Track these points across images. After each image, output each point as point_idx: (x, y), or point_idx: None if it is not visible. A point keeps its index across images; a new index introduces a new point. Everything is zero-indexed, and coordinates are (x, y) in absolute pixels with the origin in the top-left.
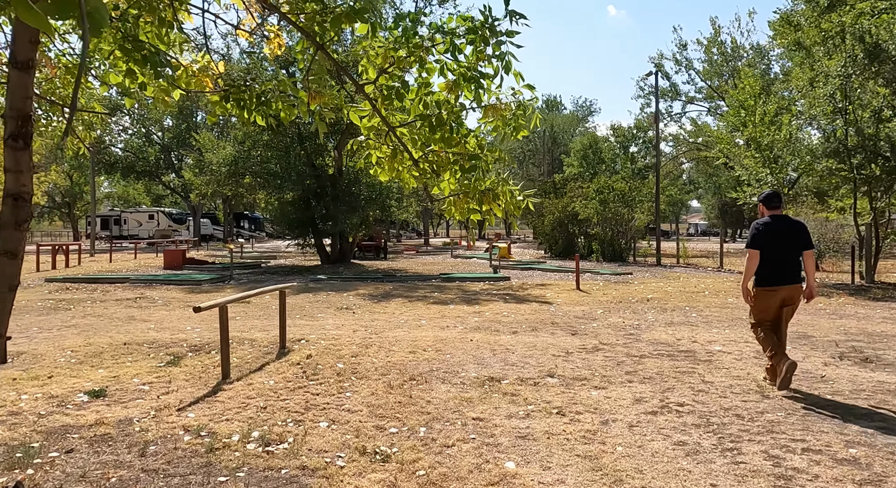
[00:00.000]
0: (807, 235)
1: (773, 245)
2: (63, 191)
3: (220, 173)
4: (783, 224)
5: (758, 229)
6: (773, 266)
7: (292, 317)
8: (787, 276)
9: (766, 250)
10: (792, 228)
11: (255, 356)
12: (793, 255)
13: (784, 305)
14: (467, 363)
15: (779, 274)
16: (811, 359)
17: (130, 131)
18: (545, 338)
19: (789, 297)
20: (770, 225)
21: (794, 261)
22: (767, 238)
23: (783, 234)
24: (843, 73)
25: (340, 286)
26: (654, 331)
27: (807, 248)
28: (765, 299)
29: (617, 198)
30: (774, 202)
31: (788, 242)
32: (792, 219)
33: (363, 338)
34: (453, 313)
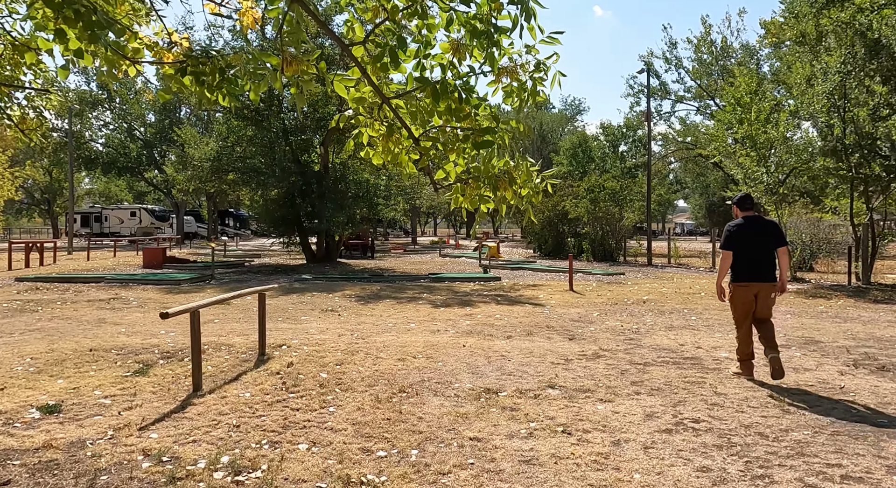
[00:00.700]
0: (779, 233)
1: (746, 244)
2: (42, 187)
3: (202, 169)
4: (756, 224)
5: (731, 230)
6: (748, 264)
7: (274, 319)
8: (761, 274)
9: (740, 249)
10: (764, 228)
11: (231, 364)
12: (766, 253)
13: (759, 298)
14: (461, 372)
15: (753, 271)
16: (825, 367)
17: (112, 126)
18: (542, 344)
19: (764, 292)
20: (743, 226)
21: (767, 259)
22: (741, 238)
23: (756, 234)
24: (842, 69)
25: (326, 286)
26: (655, 335)
27: (780, 245)
28: (741, 295)
29: (608, 197)
30: (747, 204)
31: (761, 242)
32: (764, 220)
33: (349, 343)
34: (444, 315)
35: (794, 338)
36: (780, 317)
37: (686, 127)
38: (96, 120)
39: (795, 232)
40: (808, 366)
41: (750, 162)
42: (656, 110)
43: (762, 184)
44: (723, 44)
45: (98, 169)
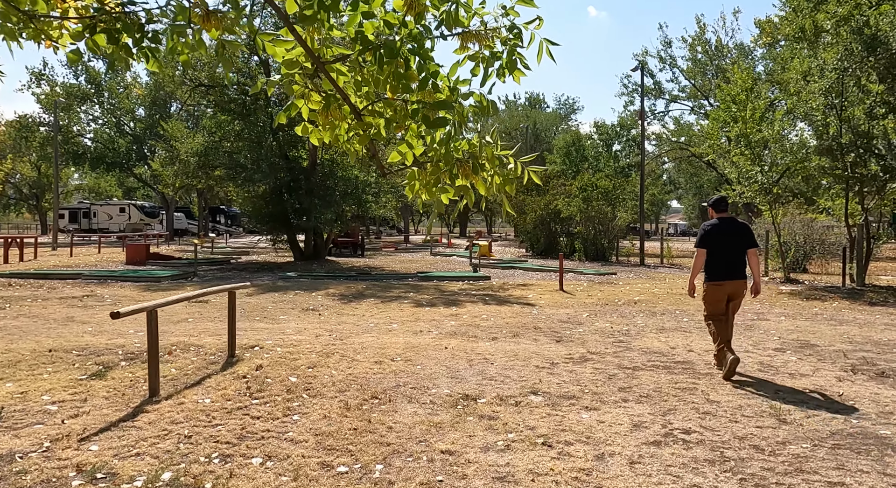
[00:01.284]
0: (751, 235)
1: (719, 244)
2: (31, 182)
3: (188, 164)
4: (729, 226)
5: (706, 230)
6: (720, 263)
7: (251, 319)
8: (732, 273)
9: (714, 249)
10: (737, 229)
11: (197, 366)
12: (738, 254)
13: (730, 299)
14: (440, 376)
15: (725, 270)
16: (822, 372)
17: (101, 121)
18: (527, 346)
19: (734, 292)
20: (717, 226)
21: (739, 259)
22: (714, 238)
23: (729, 235)
24: (839, 66)
25: (310, 284)
26: (646, 337)
27: (751, 247)
28: (713, 293)
29: (601, 196)
30: (722, 206)
31: (734, 242)
32: (738, 221)
33: (325, 344)
34: (428, 316)
35: (790, 342)
36: (774, 319)
37: (680, 126)
38: (85, 114)
39: (789, 232)
40: (804, 372)
41: (744, 161)
42: (650, 109)
43: (756, 184)
44: (717, 43)
45: (86, 164)
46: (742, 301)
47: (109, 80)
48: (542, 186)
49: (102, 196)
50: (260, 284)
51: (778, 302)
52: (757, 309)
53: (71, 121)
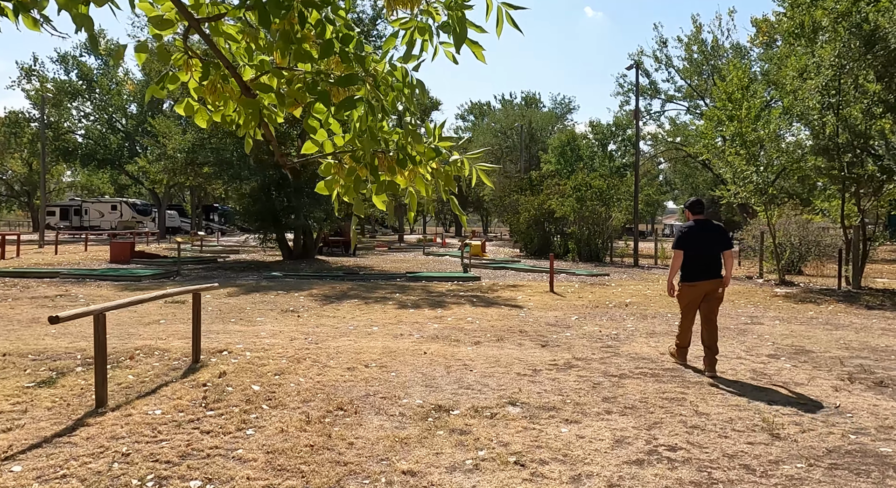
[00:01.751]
0: (726, 237)
1: (695, 246)
2: (22, 178)
3: (176, 161)
4: (705, 227)
5: (682, 232)
6: (696, 264)
7: (226, 320)
8: (707, 273)
9: (690, 250)
10: (712, 231)
11: (157, 373)
12: (713, 255)
13: (706, 297)
14: (414, 384)
15: (701, 271)
16: (817, 381)
17: (93, 117)
18: (511, 351)
19: (710, 291)
20: (693, 228)
21: (714, 260)
22: (691, 240)
23: (704, 236)
24: (836, 63)
25: (295, 284)
26: (635, 342)
27: (725, 248)
28: (689, 293)
29: (594, 196)
30: (698, 208)
31: (709, 243)
32: (713, 224)
33: (299, 348)
34: (412, 318)
35: (784, 347)
36: (768, 323)
37: (676, 127)
38: (76, 111)
39: (785, 234)
40: (799, 380)
41: (739, 160)
42: (646, 109)
43: (751, 184)
44: (713, 43)
45: (76, 161)
46: (721, 302)
47: (101, 77)
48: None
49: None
50: (243, 284)
51: (772, 305)
52: (751, 312)
53: (61, 117)
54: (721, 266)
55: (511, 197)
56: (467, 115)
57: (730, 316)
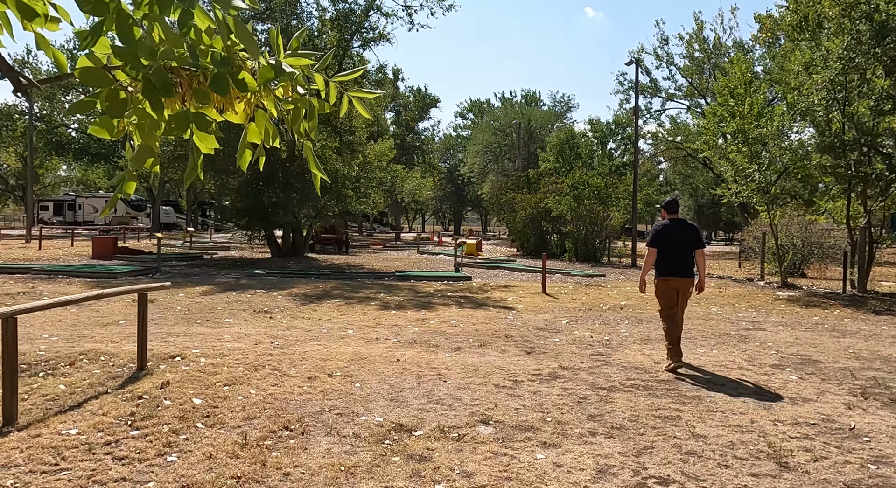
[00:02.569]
0: (698, 236)
1: (669, 244)
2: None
3: (163, 154)
4: (679, 227)
5: (657, 230)
6: (669, 261)
7: (192, 322)
8: (680, 270)
9: (664, 248)
10: (686, 230)
11: (93, 382)
12: (686, 253)
13: (678, 294)
14: (378, 398)
15: (673, 268)
16: (827, 396)
17: None
18: (492, 359)
19: (681, 289)
20: (668, 227)
21: (687, 259)
22: (665, 238)
23: (678, 235)
24: (844, 56)
25: (276, 283)
26: (628, 349)
27: (697, 247)
28: (664, 288)
29: (592, 194)
30: (673, 208)
31: (682, 242)
32: (687, 223)
33: (261, 354)
34: (392, 320)
35: (789, 357)
36: (771, 329)
37: (676, 126)
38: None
39: (787, 235)
40: (807, 396)
41: (741, 158)
42: (646, 108)
43: (753, 183)
44: (715, 41)
45: (70, 155)
46: (688, 299)
47: None
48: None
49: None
50: (222, 282)
51: (775, 309)
52: (752, 317)
53: (54, 110)
54: (693, 265)
55: (507, 195)
56: (466, 113)
57: (730, 321)
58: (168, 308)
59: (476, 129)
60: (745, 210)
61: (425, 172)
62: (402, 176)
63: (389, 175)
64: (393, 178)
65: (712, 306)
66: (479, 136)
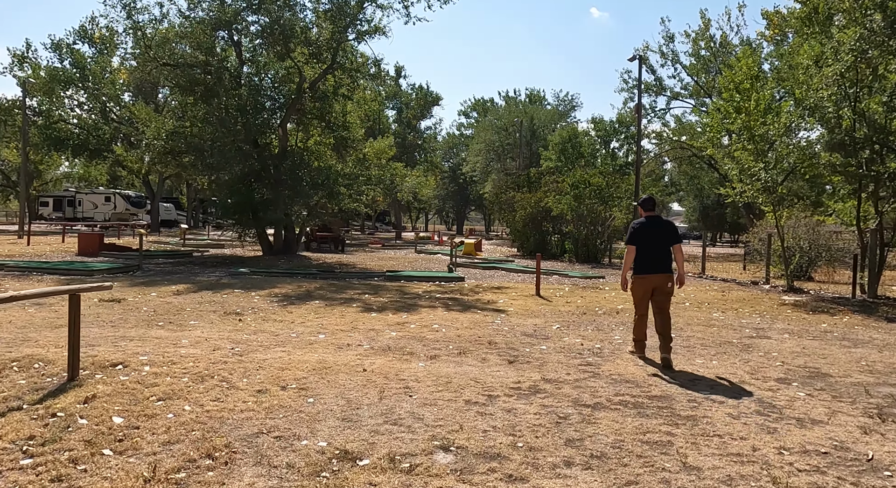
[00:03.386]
0: (675, 232)
1: (647, 241)
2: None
3: (153, 148)
4: (656, 224)
5: (635, 228)
6: (647, 258)
7: (152, 325)
8: (657, 267)
9: (642, 245)
10: (663, 227)
11: (13, 394)
12: (663, 249)
13: (655, 291)
14: (328, 416)
15: (651, 264)
16: (840, 417)
17: (87, 106)
18: (469, 369)
19: (659, 285)
20: (645, 224)
21: (665, 255)
22: (643, 235)
23: (655, 232)
24: (857, 47)
25: (258, 282)
26: (620, 359)
27: (675, 243)
28: (640, 285)
29: (593, 193)
30: (649, 205)
31: (660, 239)
32: (663, 220)
33: (215, 362)
34: (370, 324)
35: (796, 369)
36: (776, 337)
37: (681, 125)
38: (70, 100)
39: (794, 237)
40: (817, 417)
41: (747, 156)
42: (650, 106)
43: (759, 182)
44: (722, 39)
45: (68, 150)
46: (671, 296)
47: (94, 65)
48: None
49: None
50: (202, 280)
51: (781, 314)
52: (757, 323)
53: (53, 105)
54: (671, 260)
55: (507, 194)
56: (470, 112)
57: (733, 327)
58: (133, 308)
59: (479, 128)
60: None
61: (427, 171)
62: (401, 174)
63: (388, 173)
64: (392, 176)
65: (714, 311)
66: (482, 135)
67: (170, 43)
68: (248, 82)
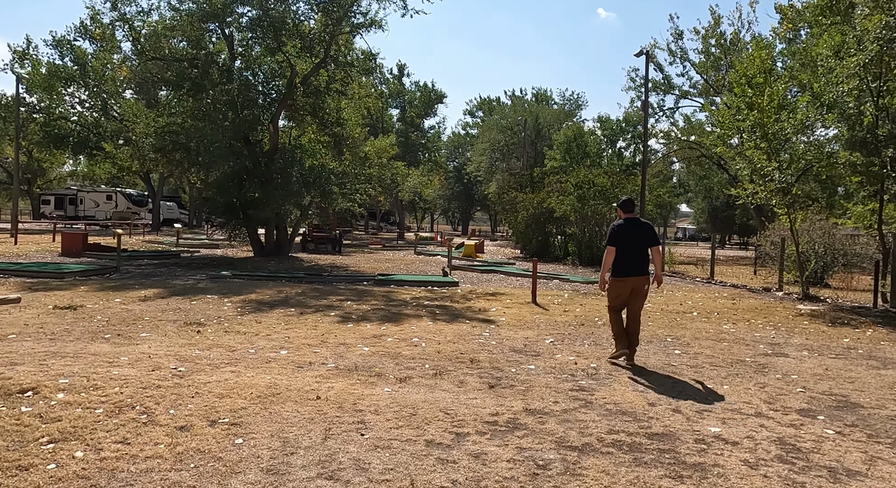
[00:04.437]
0: (653, 234)
1: (626, 243)
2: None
3: (142, 146)
4: (635, 225)
5: (615, 229)
6: (626, 260)
7: (99, 337)
8: (636, 268)
9: (621, 247)
10: (641, 229)
11: None
12: (642, 251)
13: (633, 292)
14: (249, 468)
15: (629, 266)
16: (881, 468)
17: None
18: (442, 395)
19: (637, 287)
20: (624, 226)
21: (643, 256)
22: (623, 236)
23: (634, 234)
24: (883, 36)
25: (237, 287)
26: (618, 382)
27: (653, 245)
28: (617, 287)
29: (597, 194)
30: (629, 207)
31: (639, 240)
32: (642, 222)
33: (146, 386)
34: (343, 336)
35: (820, 397)
36: (794, 355)
37: (690, 124)
38: (70, 97)
39: (808, 241)
40: (852, 465)
41: (759, 155)
42: (658, 106)
43: (773, 182)
44: (733, 36)
45: (69, 148)
46: (646, 298)
47: (95, 61)
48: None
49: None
50: (176, 284)
51: (797, 326)
52: (771, 337)
53: (53, 102)
54: (648, 262)
55: (510, 194)
56: (476, 111)
57: (745, 342)
58: (86, 317)
59: (484, 127)
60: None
61: (430, 170)
62: (402, 173)
63: (389, 172)
64: (393, 176)
65: (724, 322)
66: (487, 134)
67: (158, 36)
68: (239, 77)
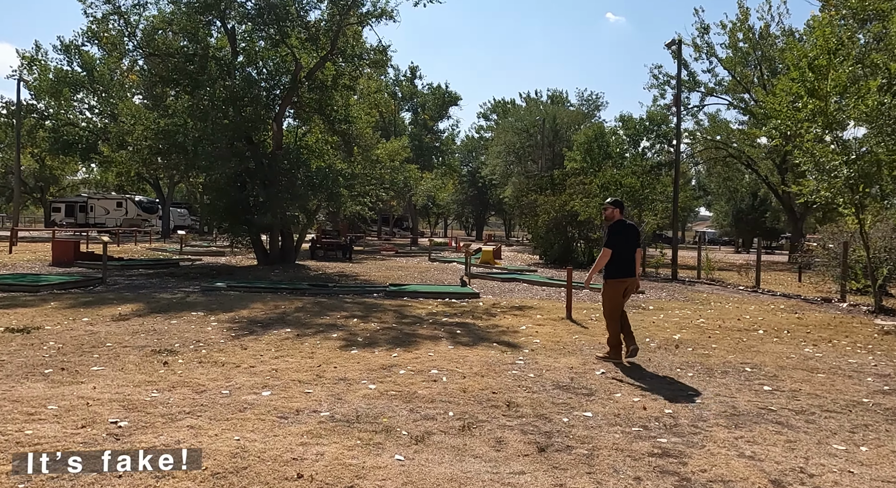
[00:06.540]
0: (639, 236)
1: (623, 244)
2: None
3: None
4: (628, 227)
5: (617, 230)
6: (623, 261)
7: (35, 373)
8: (630, 270)
9: (619, 248)
10: (632, 231)
11: None
12: (632, 253)
13: (626, 293)
14: None
15: (625, 268)
16: None
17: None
18: (475, 466)
19: (631, 286)
20: (621, 227)
21: (633, 258)
22: (620, 238)
23: (629, 235)
24: None
25: (229, 302)
26: (713, 442)
27: (638, 247)
28: (618, 288)
29: (625, 196)
30: (622, 207)
31: (631, 242)
32: (629, 223)
33: (55, 460)
34: (345, 368)
35: None
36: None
37: (715, 123)
38: (79, 103)
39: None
40: None
41: (822, 148)
42: (683, 104)
43: (839, 180)
44: (763, 30)
45: (76, 154)
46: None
47: (102, 66)
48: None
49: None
50: (162, 299)
51: (880, 346)
52: (871, 364)
53: (60, 108)
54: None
55: (529, 197)
56: (490, 114)
57: (845, 373)
58: (36, 344)
59: (499, 130)
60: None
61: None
62: (415, 176)
63: (402, 175)
64: (406, 179)
65: (801, 342)
66: (502, 137)
67: (156, 30)
68: (241, 72)
